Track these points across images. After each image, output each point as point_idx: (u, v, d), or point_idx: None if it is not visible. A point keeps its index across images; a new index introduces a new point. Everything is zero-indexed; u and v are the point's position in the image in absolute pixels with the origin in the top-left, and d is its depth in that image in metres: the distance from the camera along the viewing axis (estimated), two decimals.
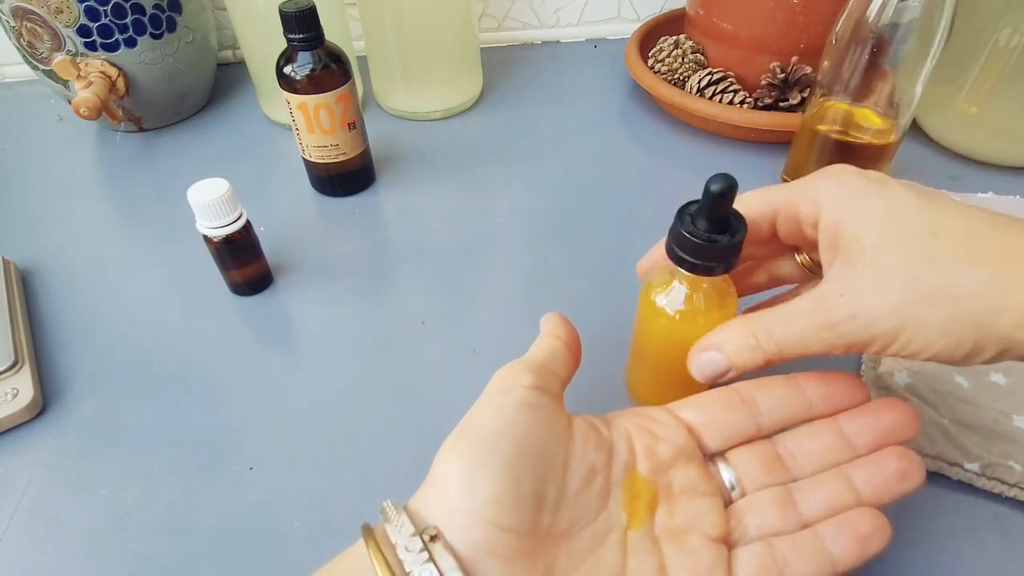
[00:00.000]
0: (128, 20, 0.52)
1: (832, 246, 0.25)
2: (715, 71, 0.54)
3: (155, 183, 0.54)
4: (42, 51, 0.52)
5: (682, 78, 0.56)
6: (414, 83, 0.58)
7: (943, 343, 0.23)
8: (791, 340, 0.25)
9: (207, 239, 0.40)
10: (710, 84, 0.53)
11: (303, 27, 0.42)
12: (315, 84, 0.44)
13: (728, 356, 0.26)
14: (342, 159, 0.49)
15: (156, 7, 0.53)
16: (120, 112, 0.57)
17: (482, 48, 0.61)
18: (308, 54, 0.44)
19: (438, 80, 0.58)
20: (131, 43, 0.53)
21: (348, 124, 0.47)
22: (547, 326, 0.28)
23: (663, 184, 0.51)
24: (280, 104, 0.49)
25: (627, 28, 0.71)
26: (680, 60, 0.57)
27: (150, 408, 0.37)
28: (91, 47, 0.52)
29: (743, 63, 0.53)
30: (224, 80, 0.67)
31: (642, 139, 0.56)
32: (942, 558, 0.29)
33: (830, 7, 0.42)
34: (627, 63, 0.58)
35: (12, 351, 0.37)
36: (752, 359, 0.25)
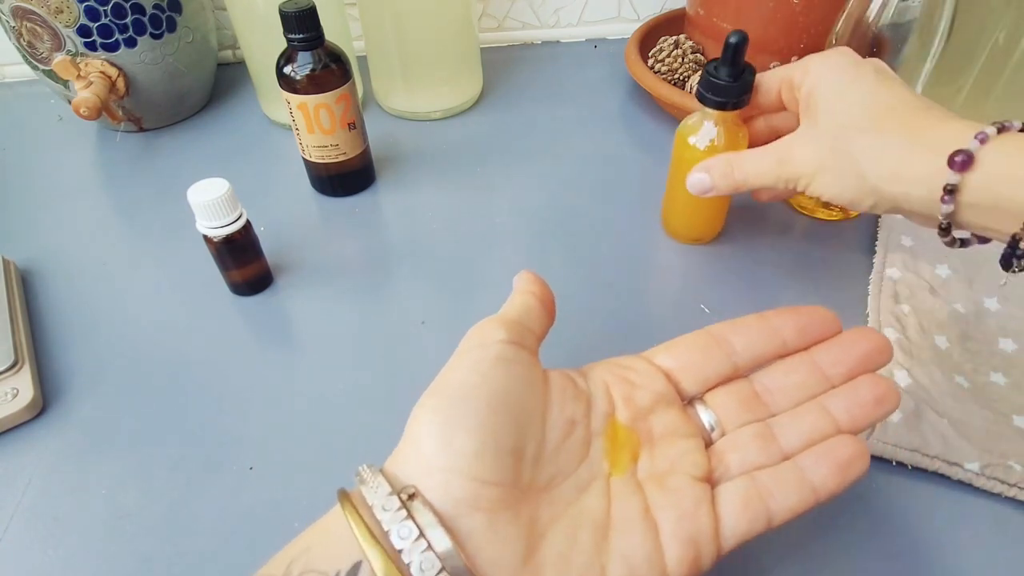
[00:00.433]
0: (128, 20, 0.52)
1: (805, 107, 0.33)
2: None
3: (155, 183, 0.54)
4: (42, 51, 0.52)
5: (682, 78, 0.56)
6: (414, 83, 0.58)
7: (839, 188, 0.31)
8: (752, 171, 0.34)
9: (207, 239, 0.40)
10: None
11: (303, 27, 0.42)
12: (315, 84, 0.44)
13: (712, 178, 0.36)
14: (342, 159, 0.49)
15: (156, 7, 0.53)
16: (120, 112, 0.57)
17: (482, 48, 0.61)
18: (308, 54, 0.44)
19: (438, 80, 0.58)
20: (131, 43, 0.53)
21: (348, 124, 0.47)
22: (520, 283, 0.28)
23: (663, 184, 0.51)
24: (280, 104, 0.49)
25: (627, 28, 0.71)
26: (680, 60, 0.57)
27: (150, 408, 0.37)
28: (91, 47, 0.52)
29: None
30: (224, 80, 0.67)
31: (642, 139, 0.56)
32: (942, 558, 0.29)
33: (830, 7, 0.42)
34: (627, 63, 0.58)
35: (12, 351, 0.37)
36: (726, 183, 0.35)
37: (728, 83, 0.36)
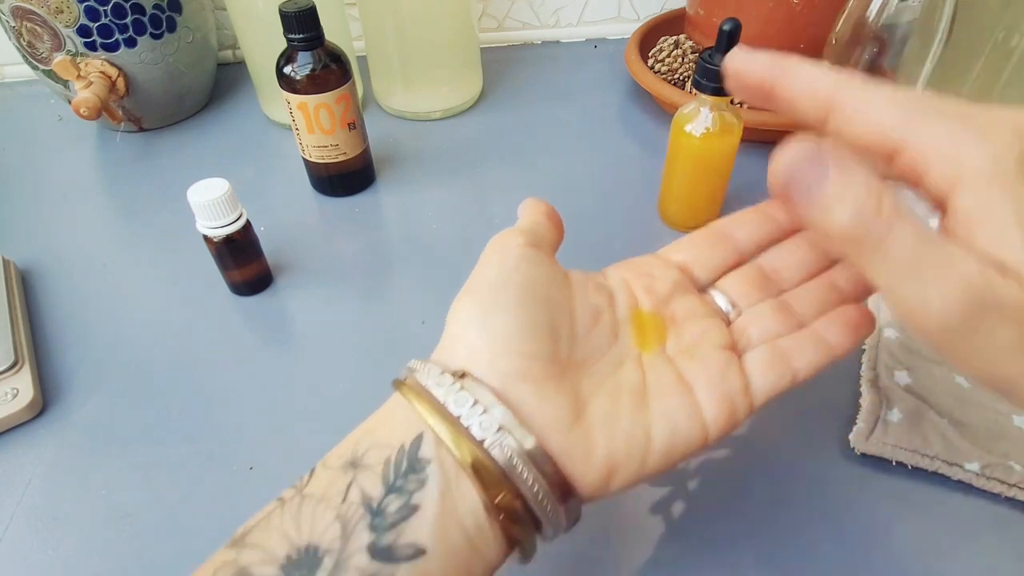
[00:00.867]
0: (128, 20, 0.52)
1: (955, 231, 0.17)
2: None
3: (155, 183, 0.54)
4: (42, 51, 0.52)
5: (682, 78, 0.56)
6: (414, 83, 0.58)
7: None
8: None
9: (207, 239, 0.40)
10: None
11: (303, 27, 0.42)
12: (315, 84, 0.44)
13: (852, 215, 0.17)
14: (342, 159, 0.49)
15: (156, 7, 0.53)
16: (120, 112, 0.57)
17: (482, 48, 0.61)
18: (308, 54, 0.44)
19: (438, 80, 0.58)
20: (131, 43, 0.53)
21: (348, 124, 0.47)
22: (527, 208, 0.29)
23: None
24: (280, 104, 0.49)
25: (627, 28, 0.71)
26: (680, 60, 0.57)
27: (150, 408, 0.37)
28: (91, 47, 0.52)
29: None
30: (224, 80, 0.67)
31: (642, 139, 0.56)
32: (942, 558, 0.29)
33: (830, 7, 0.42)
34: (627, 63, 0.58)
35: (12, 351, 0.37)
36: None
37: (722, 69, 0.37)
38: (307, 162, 0.50)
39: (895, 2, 0.37)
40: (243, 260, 0.41)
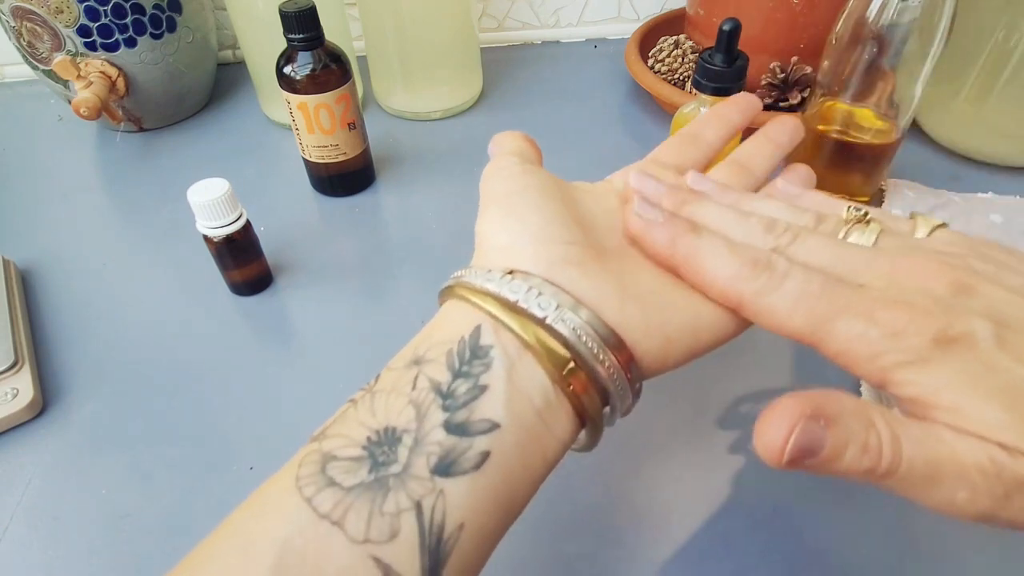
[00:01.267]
0: (128, 20, 0.52)
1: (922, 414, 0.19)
2: None
3: (155, 183, 0.54)
4: (42, 51, 0.52)
5: (682, 78, 0.56)
6: (414, 83, 0.58)
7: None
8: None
9: (207, 239, 0.40)
10: None
11: (303, 27, 0.42)
12: (315, 84, 0.44)
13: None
14: (342, 159, 0.49)
15: (156, 7, 0.53)
16: (120, 112, 0.57)
17: (482, 48, 0.61)
18: (308, 54, 0.44)
19: (438, 80, 0.58)
20: (131, 43, 0.53)
21: (348, 124, 0.47)
22: (504, 138, 0.28)
23: None
24: (280, 104, 0.49)
25: (627, 28, 0.71)
26: (680, 60, 0.57)
27: (150, 408, 0.37)
28: (91, 47, 0.52)
29: None
30: (224, 80, 0.67)
31: (642, 139, 0.56)
32: (942, 558, 0.29)
33: (830, 7, 0.42)
34: (627, 63, 0.58)
35: (12, 351, 0.37)
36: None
37: (723, 69, 0.38)
38: (307, 162, 0.50)
39: (895, 2, 0.37)
40: (243, 260, 0.41)
